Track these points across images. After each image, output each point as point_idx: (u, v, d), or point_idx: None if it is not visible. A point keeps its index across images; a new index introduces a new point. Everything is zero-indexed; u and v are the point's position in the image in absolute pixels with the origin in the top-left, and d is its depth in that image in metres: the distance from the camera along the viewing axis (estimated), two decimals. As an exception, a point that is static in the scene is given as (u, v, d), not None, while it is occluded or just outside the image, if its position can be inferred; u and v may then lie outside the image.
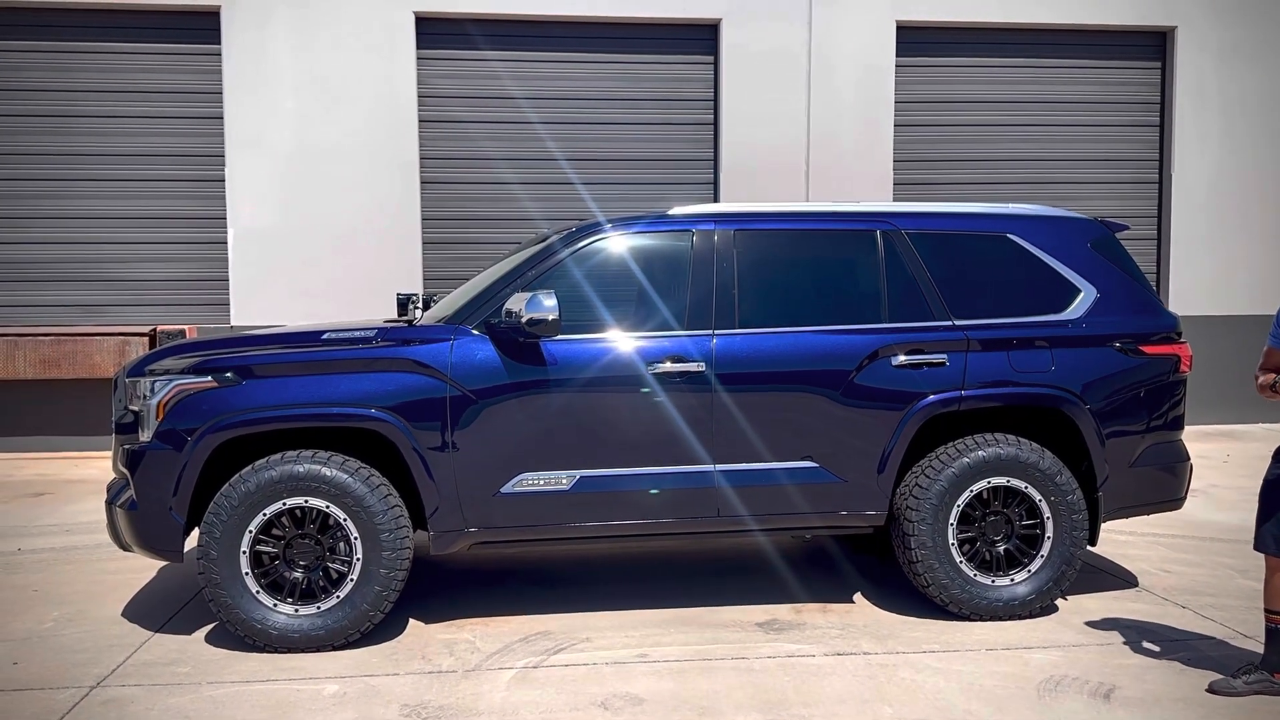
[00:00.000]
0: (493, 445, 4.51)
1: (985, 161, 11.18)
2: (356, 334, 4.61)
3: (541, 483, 4.57)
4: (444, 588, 5.34)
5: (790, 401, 4.75)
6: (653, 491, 4.64)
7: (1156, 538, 6.26)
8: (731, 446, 4.68)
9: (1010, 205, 5.37)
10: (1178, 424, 5.09)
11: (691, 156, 10.86)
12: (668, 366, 4.63)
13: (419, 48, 10.37)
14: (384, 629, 4.60)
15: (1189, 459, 5.14)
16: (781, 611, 4.93)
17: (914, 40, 10.93)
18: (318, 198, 10.22)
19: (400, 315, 5.44)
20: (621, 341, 4.68)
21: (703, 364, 4.65)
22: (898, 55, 10.86)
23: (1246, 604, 4.96)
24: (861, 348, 4.79)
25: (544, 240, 4.99)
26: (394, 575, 4.44)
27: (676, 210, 4.99)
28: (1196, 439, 10.39)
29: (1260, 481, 4.00)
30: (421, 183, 10.47)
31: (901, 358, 4.80)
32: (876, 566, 5.65)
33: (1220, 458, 9.16)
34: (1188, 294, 10.99)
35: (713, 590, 5.22)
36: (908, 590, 5.05)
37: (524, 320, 4.37)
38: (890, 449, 4.78)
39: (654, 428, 4.63)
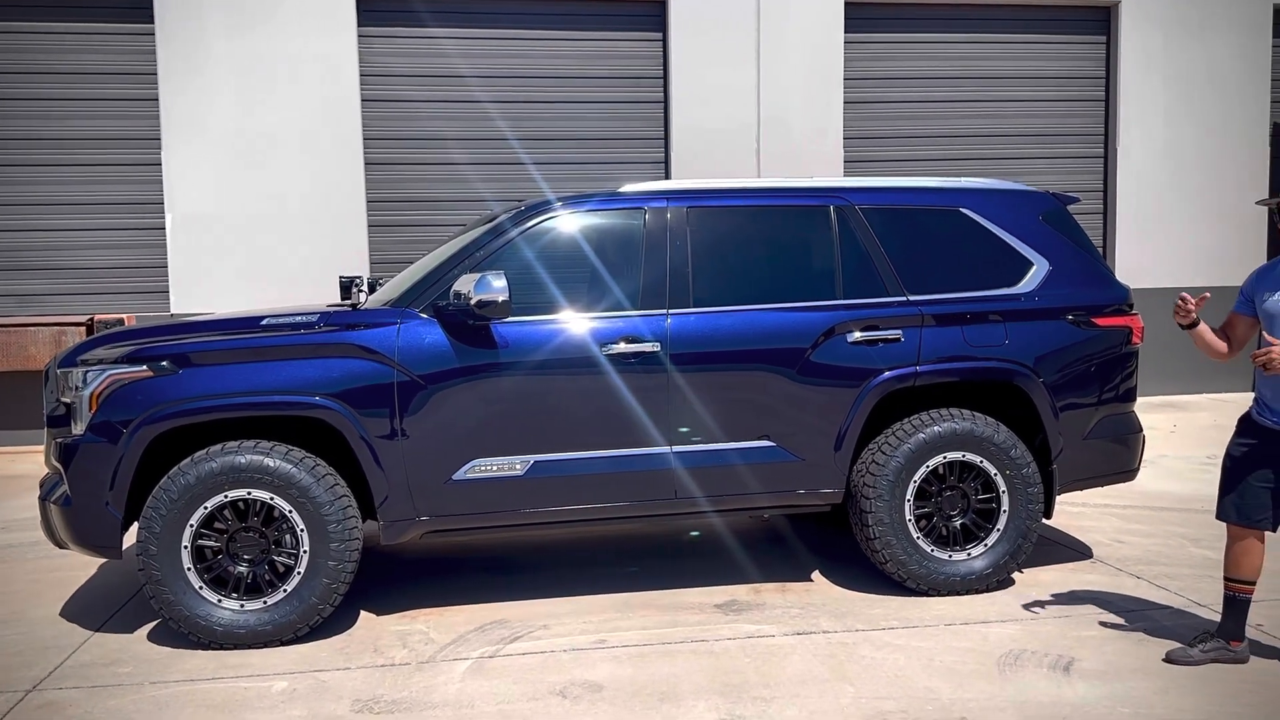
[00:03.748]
0: (443, 431, 4.39)
1: (934, 138, 11.20)
2: (298, 319, 4.45)
3: (495, 469, 4.46)
4: (396, 578, 5.22)
5: (746, 381, 4.68)
6: (609, 475, 4.55)
7: (1109, 508, 6.31)
8: (688, 428, 4.61)
9: (963, 179, 5.34)
10: (1130, 396, 5.11)
11: (642, 134, 10.74)
12: (621, 347, 4.53)
13: (360, 25, 10.11)
14: (334, 622, 4.47)
15: (1141, 430, 5.17)
16: (740, 592, 4.89)
17: (862, 16, 10.89)
18: (259, 181, 9.95)
19: (344, 299, 5.28)
20: (574, 323, 4.58)
21: (657, 344, 4.56)
22: (846, 31, 10.81)
23: (1200, 573, 5.01)
24: (817, 325, 4.74)
25: (492, 220, 4.86)
26: (343, 567, 4.31)
27: (628, 188, 4.89)
28: (1143, 410, 10.46)
29: (1210, 450, 4.00)
30: (366, 164, 10.24)
31: (857, 334, 4.76)
32: (833, 544, 5.62)
33: (1167, 428, 9.29)
34: (1134, 267, 11.12)
35: (671, 573, 5.16)
36: (865, 567, 5.03)
37: (473, 302, 4.25)
38: (847, 426, 4.75)
39: (609, 410, 4.54)
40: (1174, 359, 10.40)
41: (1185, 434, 9.00)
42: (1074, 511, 6.18)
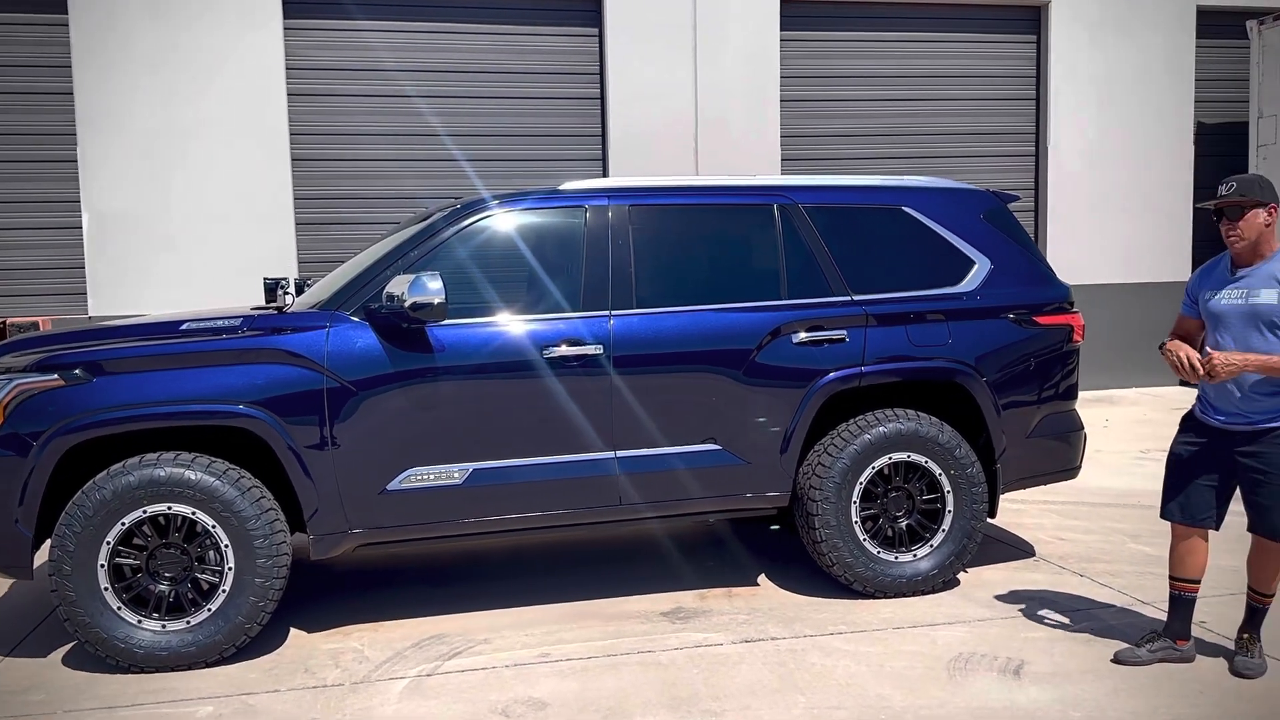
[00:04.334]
0: (377, 440, 4.21)
1: (869, 136, 11.24)
2: (220, 323, 4.23)
3: (431, 478, 4.29)
4: (328, 593, 5.02)
5: (691, 383, 4.58)
6: (551, 482, 4.41)
7: (1049, 505, 6.34)
8: (632, 432, 4.49)
9: (905, 178, 5.30)
10: (1071, 393, 5.13)
11: (578, 132, 10.60)
12: (563, 350, 4.39)
13: (286, 17, 9.81)
14: (262, 641, 4.26)
15: (1083, 428, 5.18)
16: (686, 599, 4.78)
17: (797, 15, 10.88)
18: (180, 178, 9.59)
19: (269, 302, 5.05)
20: (513, 325, 4.43)
21: (600, 347, 4.43)
22: (782, 30, 10.79)
23: (1140, 569, 5.04)
24: (762, 325, 4.65)
25: (427, 218, 4.68)
26: (270, 584, 4.10)
27: (568, 185, 4.75)
28: (1077, 405, 10.74)
29: (1144, 445, 4.00)
30: (293, 160, 9.94)
31: (802, 335, 4.68)
32: (778, 546, 5.56)
33: (1100, 423, 9.43)
34: (1063, 263, 11.23)
35: (615, 581, 5.04)
36: (810, 570, 4.96)
37: (407, 304, 4.07)
38: (793, 428, 4.67)
39: (550, 415, 4.40)
40: (1104, 353, 10.58)
41: (1118, 428, 9.14)
42: (1014, 509, 6.20)
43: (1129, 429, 9.08)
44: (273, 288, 4.91)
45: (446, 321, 4.25)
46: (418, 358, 4.25)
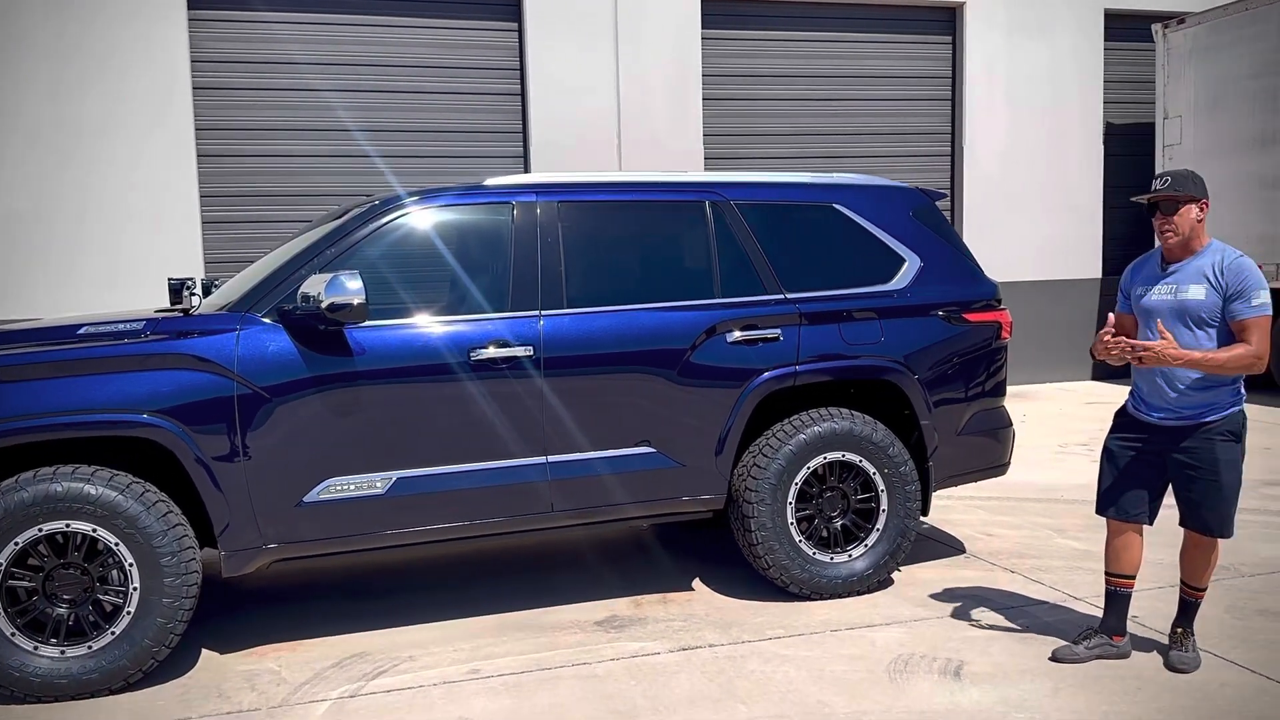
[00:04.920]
0: (292, 449, 3.98)
1: (791, 135, 11.27)
2: (121, 327, 3.95)
3: (352, 488, 4.08)
4: (242, 610, 4.75)
5: (624, 385, 4.45)
6: (479, 490, 4.23)
7: (975, 501, 6.38)
8: (564, 436, 4.34)
9: (835, 175, 5.27)
10: (1000, 390, 5.14)
11: (499, 127, 10.39)
12: (491, 352, 4.22)
13: (191, 8, 9.41)
14: (172, 664, 3.99)
15: (1011, 424, 5.21)
16: (621, 606, 4.65)
17: (719, 13, 10.84)
18: (80, 175, 9.11)
19: (174, 304, 4.75)
20: (437, 327, 4.24)
21: (529, 348, 4.27)
22: (704, 28, 10.74)
23: (1070, 564, 5.07)
24: (696, 325, 4.55)
25: (344, 215, 4.46)
26: (179, 604, 3.84)
27: (494, 180, 4.57)
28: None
29: (1061, 439, 4.01)
30: (199, 156, 9.53)
31: (736, 334, 4.59)
32: (712, 549, 5.46)
33: (1018, 418, 9.56)
34: (980, 262, 11.44)
35: (547, 589, 4.88)
36: (745, 572, 4.87)
37: (324, 305, 3.84)
38: (728, 429, 4.58)
39: (478, 420, 4.22)
40: (1020, 349, 10.77)
41: (1036, 423, 9.29)
42: (942, 505, 6.21)
43: (1047, 424, 9.24)
44: (178, 288, 4.62)
45: (367, 323, 4.04)
46: (335, 361, 4.03)
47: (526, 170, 10.25)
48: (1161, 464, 3.75)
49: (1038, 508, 6.24)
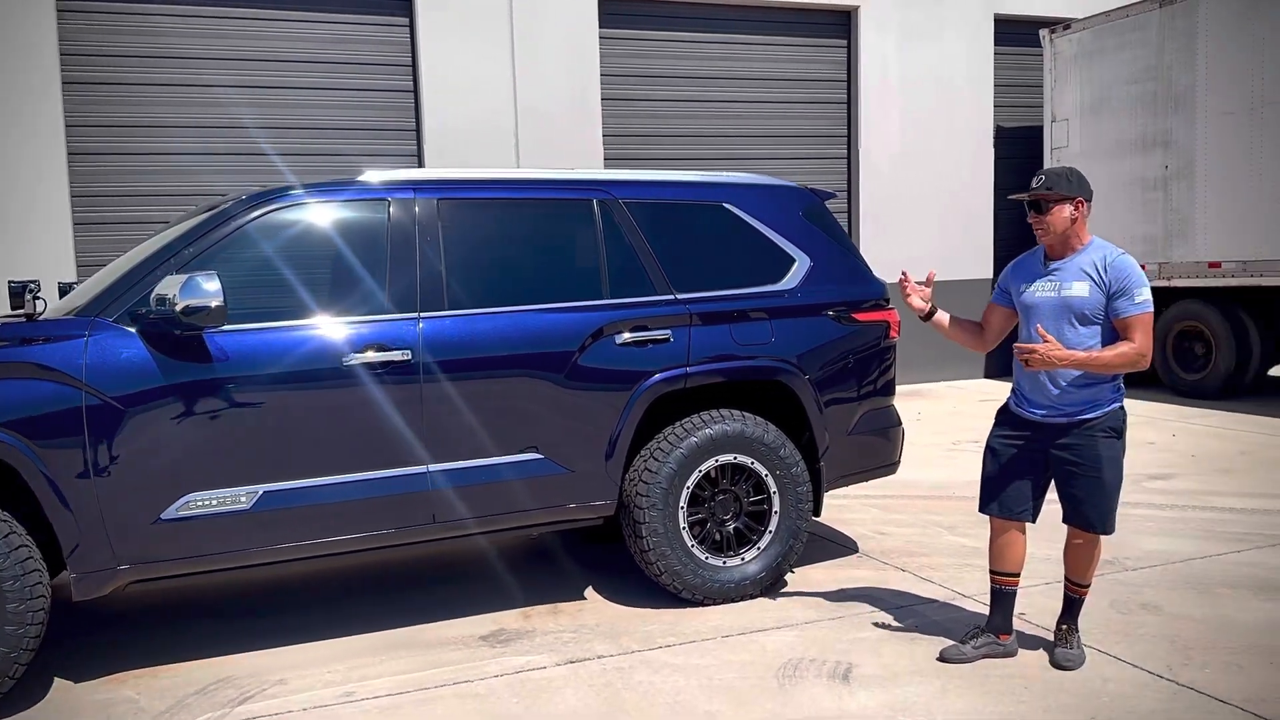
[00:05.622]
0: (149, 463, 3.71)
1: (691, 137, 11.24)
2: (-46, 334, 3.64)
3: (215, 503, 3.83)
4: (98, 633, 4.44)
5: (510, 389, 4.29)
6: (354, 502, 4.02)
7: (869, 499, 6.39)
8: (446, 443, 4.16)
9: (725, 174, 5.20)
10: (890, 389, 5.14)
11: (392, 126, 10.11)
12: (367, 357, 4.02)
13: (59, -2, 8.91)
14: (19, 696, 3.69)
15: (901, 423, 5.20)
16: (509, 619, 4.49)
17: (617, 12, 10.75)
18: (-67, 171, 8.54)
19: (15, 308, 4.42)
20: (309, 330, 4.01)
21: (407, 352, 4.08)
22: (602, 27, 10.64)
23: (960, 562, 5.09)
24: (584, 326, 4.42)
25: (205, 213, 4.20)
26: (24, 632, 3.55)
27: (370, 176, 4.36)
28: (891, 399, 11.08)
29: (954, 437, 4.01)
30: (70, 154, 9.03)
31: (626, 335, 4.48)
32: (606, 557, 5.34)
33: (912, 416, 9.71)
34: (876, 263, 11.44)
35: (431, 604, 4.68)
36: (639, 580, 4.76)
37: (179, 308, 3.59)
38: (618, 433, 4.46)
39: (353, 428, 4.02)
40: (915, 348, 10.89)
41: (930, 421, 9.43)
42: (836, 505, 6.21)
43: (940, 421, 9.38)
44: (20, 291, 4.28)
45: (228, 327, 3.81)
46: (195, 368, 3.78)
47: (421, 168, 9.98)
48: (1044, 461, 3.76)
49: (929, 505, 6.29)
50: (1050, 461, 3.73)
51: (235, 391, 3.85)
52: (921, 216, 11.95)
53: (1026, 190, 3.71)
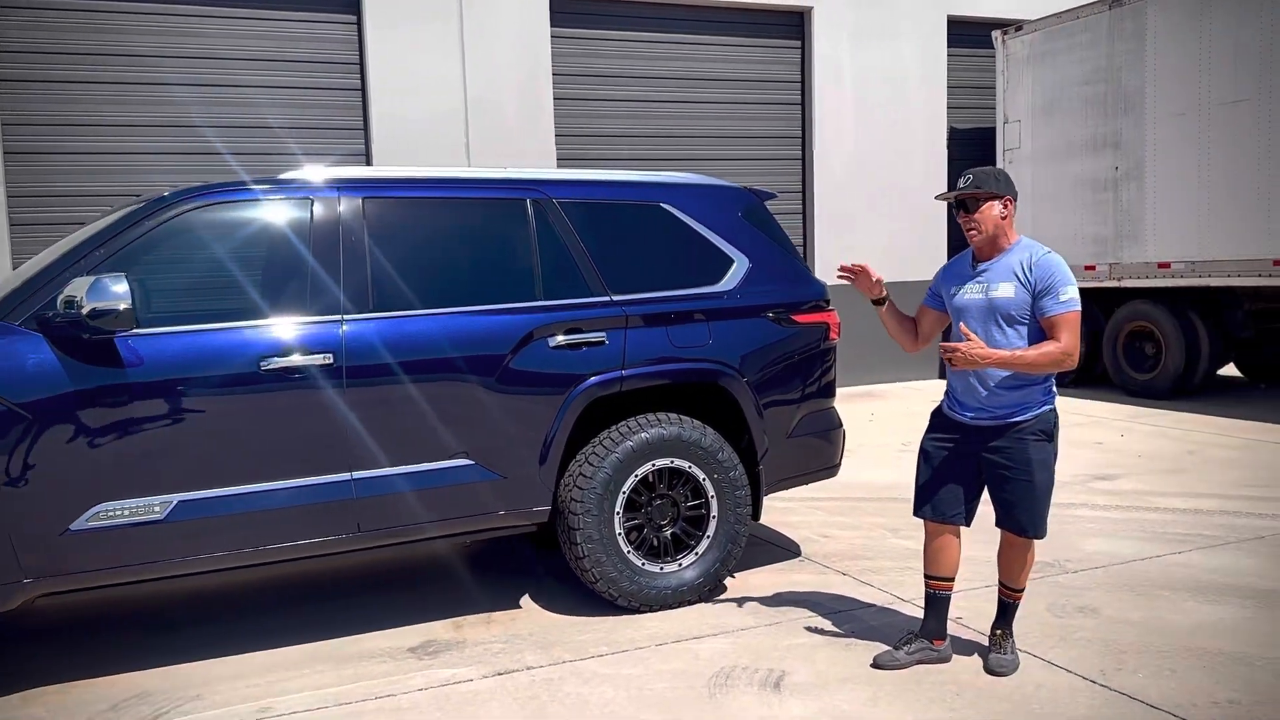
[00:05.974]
0: (56, 471, 3.57)
1: (644, 137, 11.17)
2: None
3: (126, 513, 3.69)
4: (6, 651, 4.27)
5: (438, 394, 4.18)
6: (274, 511, 3.90)
7: (815, 502, 6.35)
8: (371, 451, 4.04)
9: (663, 174, 5.13)
10: (829, 391, 5.08)
11: (339, 124, 9.95)
12: (285, 361, 3.90)
13: (-7, -9, 8.67)
14: (-84, 719, 3.55)
15: (842, 425, 5.15)
16: (440, 630, 4.38)
17: (569, 11, 10.65)
18: None
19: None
20: (225, 334, 3.89)
21: (329, 356, 3.96)
22: (553, 26, 10.54)
23: (901, 565, 5.05)
24: (516, 329, 4.32)
25: (120, 213, 4.06)
26: (-79, 650, 3.41)
27: (292, 175, 4.25)
28: (842, 400, 10.96)
29: (905, 438, 3.97)
30: (5, 153, 8.80)
31: (559, 338, 4.39)
32: (546, 564, 5.24)
33: (865, 417, 9.71)
34: (832, 264, 11.56)
35: (361, 615, 4.56)
36: (578, 587, 4.68)
37: (85, 311, 3.46)
38: (552, 438, 4.37)
39: (273, 435, 3.90)
40: (871, 349, 10.90)
41: (882, 422, 9.42)
42: (782, 507, 6.16)
43: (893, 422, 9.37)
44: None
45: (141, 330, 3.68)
46: (105, 374, 3.64)
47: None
48: (976, 464, 3.71)
49: (875, 507, 6.25)
50: (982, 464, 3.69)
51: (148, 397, 3.72)
52: (876, 217, 11.96)
53: (954, 190, 3.66)
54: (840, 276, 3.94)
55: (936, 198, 3.89)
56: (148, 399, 3.72)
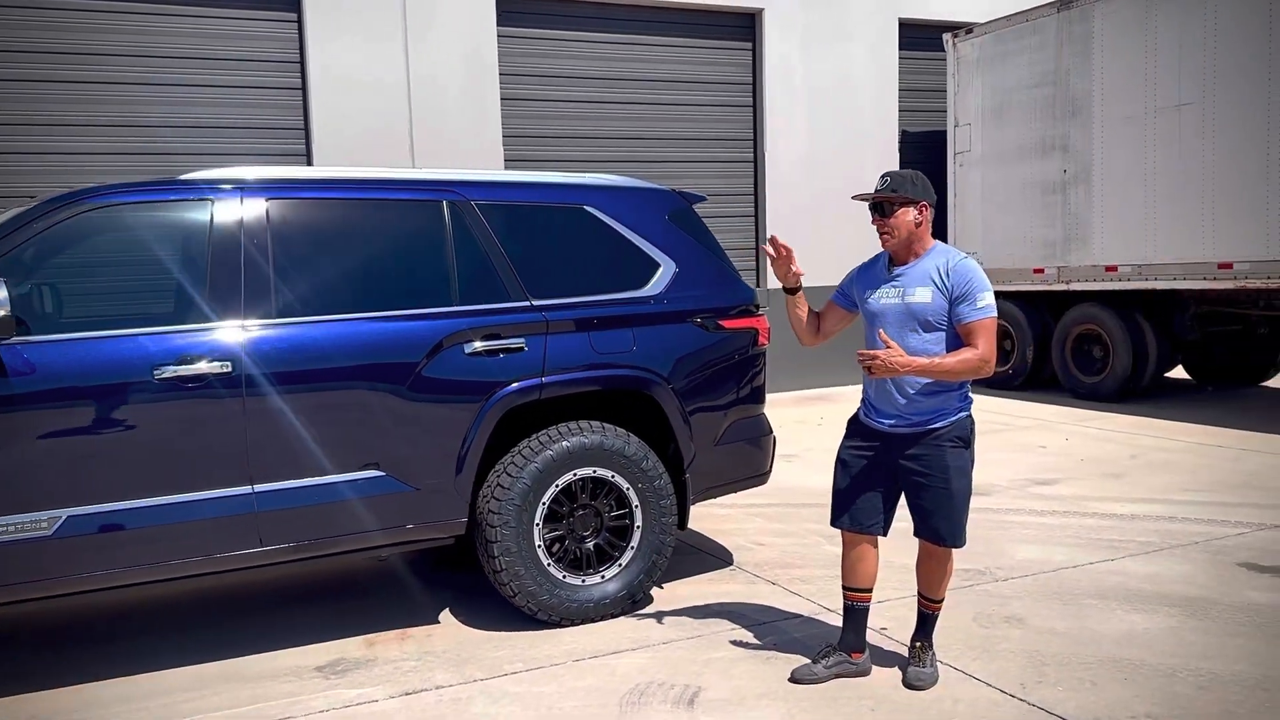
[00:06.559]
0: (-69, 487, 3.41)
1: (594, 138, 11.04)
2: None
3: (12, 529, 3.52)
4: (-97, 671, 4.10)
5: (346, 403, 4.04)
6: (169, 526, 3.74)
7: (755, 508, 6.26)
8: (273, 462, 3.89)
9: (587, 175, 5.01)
10: (758, 397, 4.99)
11: (278, 124, 9.74)
12: (181, 369, 3.74)
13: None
14: None
15: (771, 432, 5.06)
16: (351, 647, 4.23)
17: (515, 10, 10.51)
18: None
19: None
20: (118, 341, 3.71)
21: (227, 364, 3.81)
22: (500, 25, 10.39)
23: (830, 573, 4.94)
24: (429, 335, 4.19)
25: (10, 213, 3.88)
26: None
27: (193, 175, 4.09)
28: (794, 404, 10.99)
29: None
30: (-72, 152, 8.52)
31: (476, 344, 4.26)
32: (467, 578, 5.10)
33: (816, 420, 9.64)
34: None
35: (269, 633, 4.40)
36: (498, 602, 4.54)
37: (-41, 319, 3.31)
38: (467, 448, 4.23)
39: (168, 447, 3.74)
40: (821, 352, 10.83)
41: (831, 425, 9.35)
42: (721, 515, 6.07)
43: (842, 426, 9.27)
44: None
45: (26, 338, 3.52)
46: (-16, 384, 3.48)
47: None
48: (893, 472, 3.63)
49: (812, 513, 6.16)
50: (899, 473, 3.61)
51: (35, 408, 3.55)
52: (828, 220, 11.87)
53: (872, 192, 3.58)
54: (764, 250, 3.78)
55: (853, 198, 3.80)
56: (34, 409, 3.55)
